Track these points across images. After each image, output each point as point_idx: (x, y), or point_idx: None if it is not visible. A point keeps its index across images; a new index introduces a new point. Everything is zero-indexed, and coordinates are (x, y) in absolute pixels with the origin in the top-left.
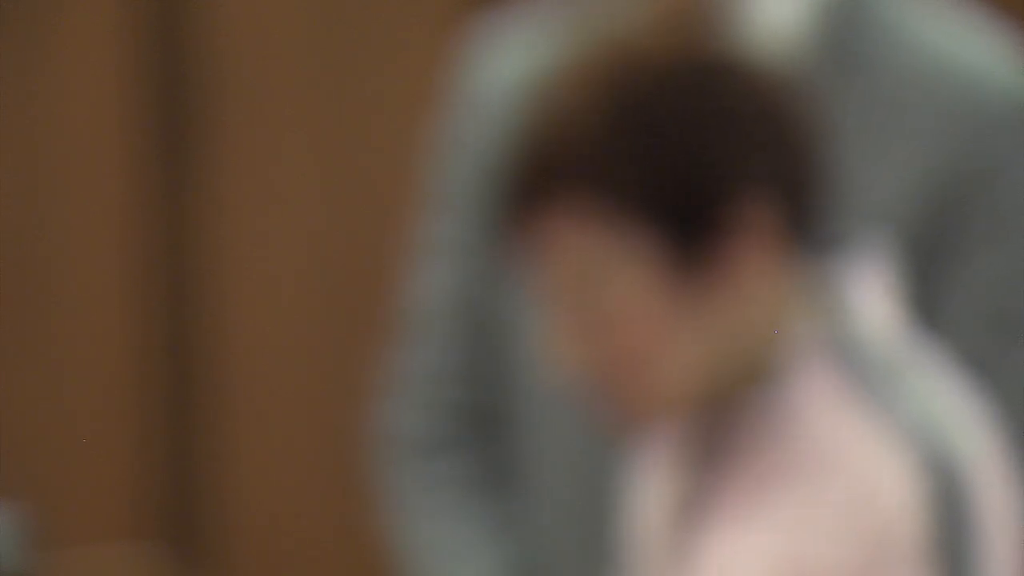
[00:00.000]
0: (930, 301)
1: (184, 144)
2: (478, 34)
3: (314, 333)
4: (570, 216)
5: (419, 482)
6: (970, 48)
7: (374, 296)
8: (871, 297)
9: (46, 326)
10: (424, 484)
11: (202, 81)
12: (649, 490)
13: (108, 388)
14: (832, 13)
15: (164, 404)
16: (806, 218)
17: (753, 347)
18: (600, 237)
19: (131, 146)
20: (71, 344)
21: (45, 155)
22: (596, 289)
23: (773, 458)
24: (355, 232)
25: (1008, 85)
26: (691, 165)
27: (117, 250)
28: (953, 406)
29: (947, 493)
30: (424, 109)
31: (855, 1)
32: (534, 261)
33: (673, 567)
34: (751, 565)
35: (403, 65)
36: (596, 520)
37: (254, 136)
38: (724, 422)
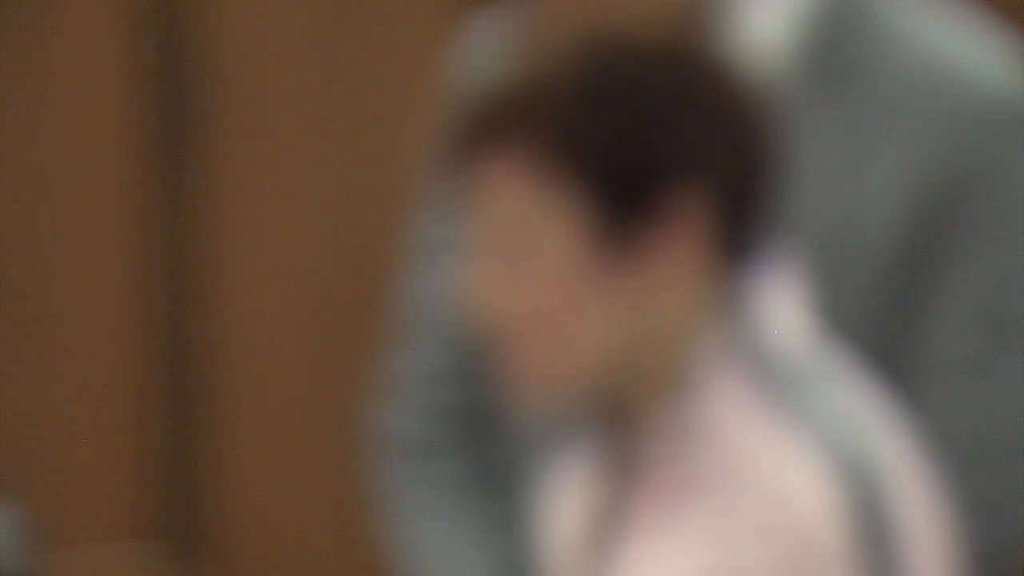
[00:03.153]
0: (924, 303)
1: (184, 144)
2: (473, 34)
3: (313, 334)
4: (514, 163)
5: (413, 483)
6: (965, 50)
7: (373, 297)
8: (783, 306)
9: (46, 327)
10: (418, 485)
11: (202, 81)
12: (566, 503)
13: (108, 388)
14: (825, 15)
15: (164, 404)
16: (742, 226)
17: (663, 342)
18: (538, 191)
19: (131, 146)
20: (71, 344)
21: (45, 155)
22: (523, 242)
23: (687, 469)
24: (354, 232)
25: (1002, 86)
26: (640, 144)
27: (117, 250)
28: (867, 414)
29: (864, 500)
30: (424, 110)
31: (849, 3)
32: (472, 204)
33: None
34: None
35: (403, 65)
36: None
37: (254, 136)
38: (639, 433)
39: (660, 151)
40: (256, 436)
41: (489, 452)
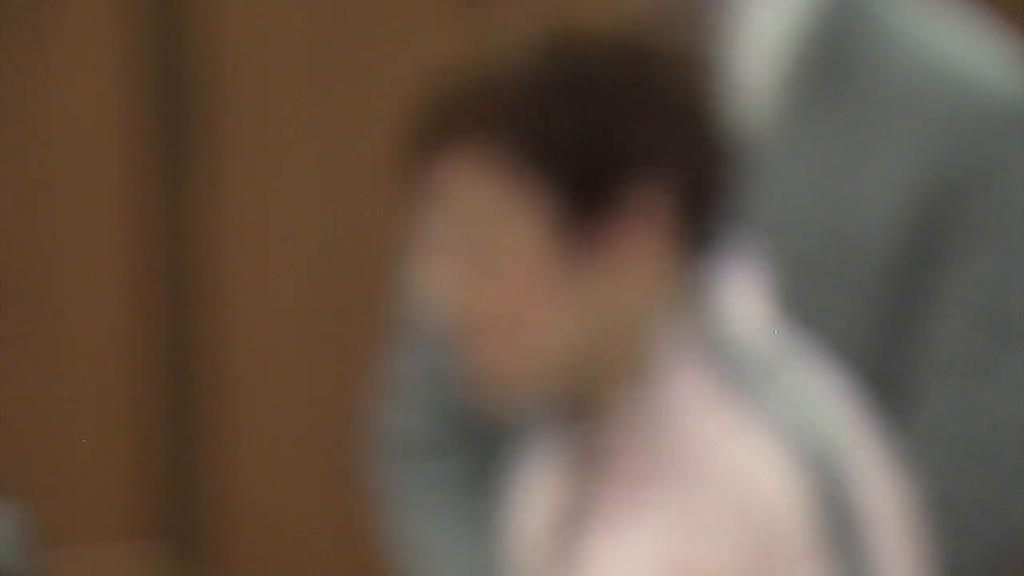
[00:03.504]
0: (925, 303)
1: (184, 144)
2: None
3: (313, 333)
4: (477, 160)
5: (414, 482)
6: (966, 50)
7: (373, 297)
8: (745, 298)
9: (46, 327)
10: (419, 484)
11: (202, 81)
12: (534, 498)
13: (108, 388)
14: (826, 15)
15: (164, 404)
16: (702, 218)
17: (626, 335)
18: (501, 188)
19: (131, 146)
20: (71, 345)
21: (45, 155)
22: (488, 239)
23: (649, 459)
24: (354, 232)
25: (1002, 87)
26: (600, 138)
27: (117, 250)
28: (829, 405)
29: (828, 489)
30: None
31: (851, 4)
32: (437, 202)
33: (556, 574)
34: (632, 569)
35: (402, 65)
36: None
37: (254, 136)
38: (601, 425)
39: (621, 146)
40: (256, 436)
41: (489, 451)
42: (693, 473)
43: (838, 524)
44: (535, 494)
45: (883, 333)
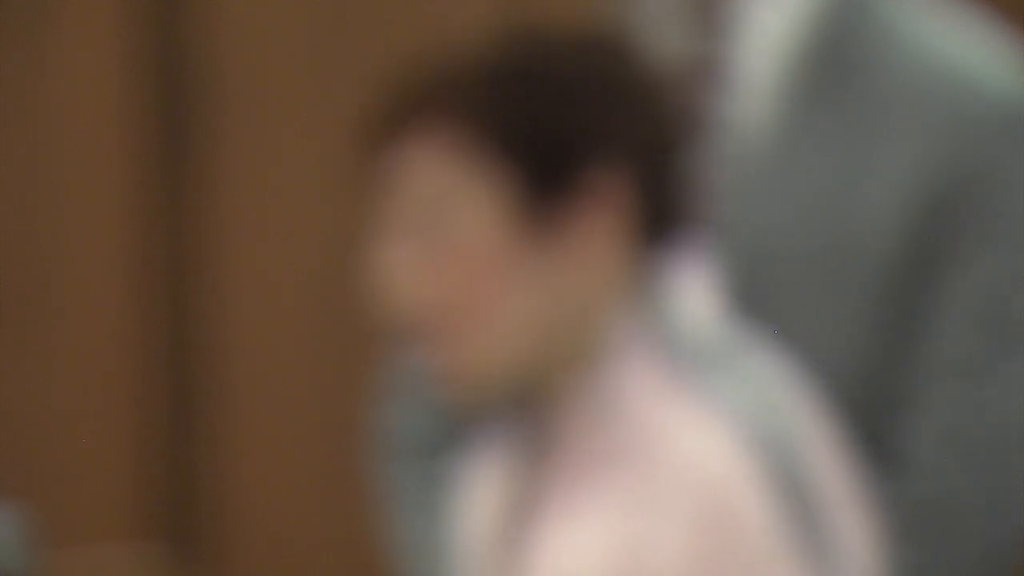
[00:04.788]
0: (926, 304)
1: (184, 144)
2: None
3: (313, 333)
4: (436, 144)
5: (415, 482)
6: (967, 51)
7: (373, 297)
8: (694, 289)
9: (46, 327)
10: (420, 484)
11: (202, 81)
12: (485, 487)
13: (108, 388)
14: (829, 16)
15: (164, 404)
16: (659, 207)
17: (581, 321)
18: (460, 172)
19: (131, 146)
20: (71, 345)
21: (45, 155)
22: (446, 224)
23: (600, 444)
24: (355, 231)
25: (1004, 88)
26: (558, 123)
27: (117, 250)
28: (780, 393)
29: (783, 473)
30: None
31: (853, 5)
32: (392, 186)
33: (507, 564)
34: (582, 555)
35: (403, 65)
36: None
37: (254, 136)
38: (551, 410)
39: (579, 133)
40: (256, 436)
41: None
42: (643, 456)
43: (792, 507)
44: (487, 483)
45: (884, 334)
